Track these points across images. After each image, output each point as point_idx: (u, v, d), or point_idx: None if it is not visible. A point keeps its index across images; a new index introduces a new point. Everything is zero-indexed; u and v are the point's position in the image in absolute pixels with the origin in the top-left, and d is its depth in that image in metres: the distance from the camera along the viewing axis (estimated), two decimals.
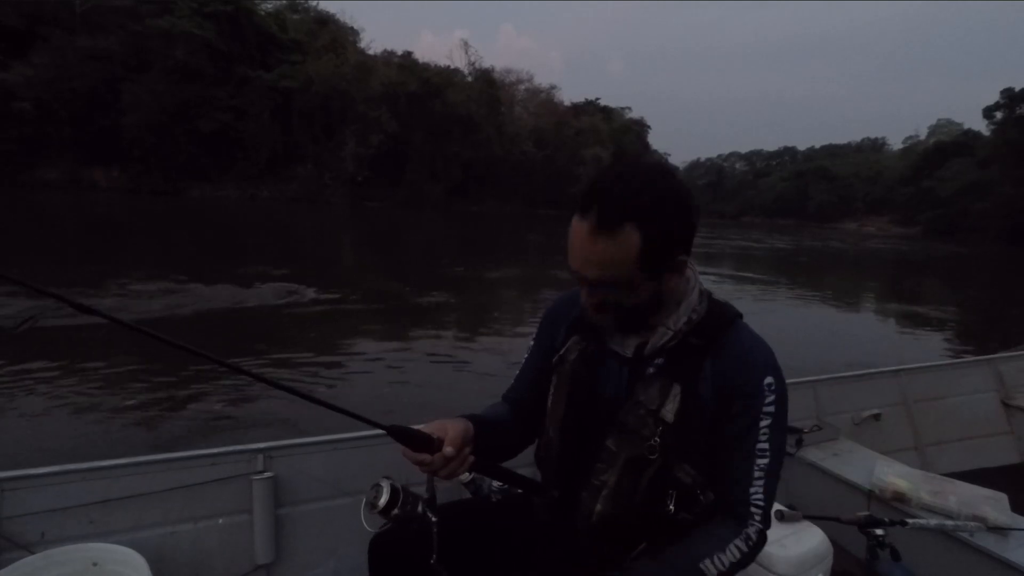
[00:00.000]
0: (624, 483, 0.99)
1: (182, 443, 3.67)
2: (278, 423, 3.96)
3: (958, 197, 55.01)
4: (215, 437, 3.80)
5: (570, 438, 1.10)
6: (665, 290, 0.99)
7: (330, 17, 48.87)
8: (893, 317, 11.15)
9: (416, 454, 0.94)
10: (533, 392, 1.20)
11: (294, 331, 6.94)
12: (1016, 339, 7.78)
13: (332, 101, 42.46)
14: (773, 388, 0.98)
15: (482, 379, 5.39)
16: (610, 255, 0.91)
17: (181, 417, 4.12)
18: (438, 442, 0.95)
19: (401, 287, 10.38)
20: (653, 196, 0.91)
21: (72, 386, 4.51)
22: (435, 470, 0.96)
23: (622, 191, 0.91)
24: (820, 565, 1.63)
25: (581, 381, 1.09)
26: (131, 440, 3.69)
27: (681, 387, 0.98)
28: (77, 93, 34.64)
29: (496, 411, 1.22)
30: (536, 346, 1.24)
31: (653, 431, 0.97)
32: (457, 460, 0.96)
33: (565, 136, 54.92)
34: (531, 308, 9.39)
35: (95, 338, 5.61)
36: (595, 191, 0.92)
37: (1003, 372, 3.12)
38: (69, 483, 1.50)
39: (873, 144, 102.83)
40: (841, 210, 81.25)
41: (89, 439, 3.69)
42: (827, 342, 8.04)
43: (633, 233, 0.90)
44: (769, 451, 0.98)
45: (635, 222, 0.89)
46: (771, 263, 21.59)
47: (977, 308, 12.99)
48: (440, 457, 0.94)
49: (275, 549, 1.70)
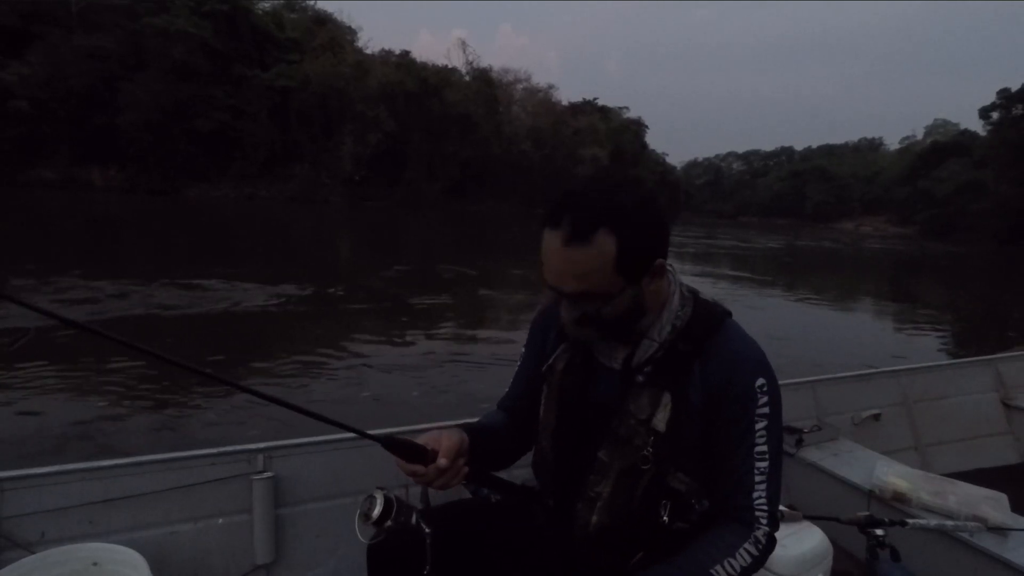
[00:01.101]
0: (619, 494, 0.99)
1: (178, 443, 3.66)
2: (276, 423, 3.95)
3: (955, 197, 55.18)
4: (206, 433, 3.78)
5: (563, 447, 1.09)
6: (646, 296, 0.98)
7: (328, 16, 48.82)
8: (883, 318, 11.16)
9: (410, 465, 0.94)
10: (527, 400, 1.19)
11: (287, 333, 6.92)
12: (1013, 340, 7.80)
13: (330, 100, 42.41)
14: (765, 389, 0.97)
15: (480, 381, 5.36)
16: (586, 265, 0.90)
17: (171, 418, 4.11)
18: (432, 453, 0.94)
19: (398, 287, 10.37)
20: (625, 200, 0.91)
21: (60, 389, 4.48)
22: (429, 481, 0.95)
23: (593, 197, 0.91)
24: (820, 565, 1.64)
25: (571, 390, 1.08)
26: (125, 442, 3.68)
27: (671, 395, 0.97)
28: (74, 92, 34.53)
29: (491, 419, 1.22)
30: (527, 353, 1.24)
31: (645, 441, 0.97)
32: (451, 472, 0.96)
33: (563, 136, 54.94)
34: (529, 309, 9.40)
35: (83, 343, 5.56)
36: (565, 201, 0.91)
37: (1003, 372, 3.11)
38: (69, 483, 1.50)
39: (870, 144, 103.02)
40: (838, 210, 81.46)
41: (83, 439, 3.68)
42: (804, 346, 7.85)
43: (607, 238, 0.88)
44: (768, 453, 0.98)
45: (608, 226, 0.88)
46: (753, 264, 21.61)
47: (972, 310, 12.99)
48: (434, 468, 0.94)
49: (275, 549, 1.69)
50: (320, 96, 41.97)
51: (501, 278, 12.59)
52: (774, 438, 0.99)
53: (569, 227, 0.89)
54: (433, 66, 49.88)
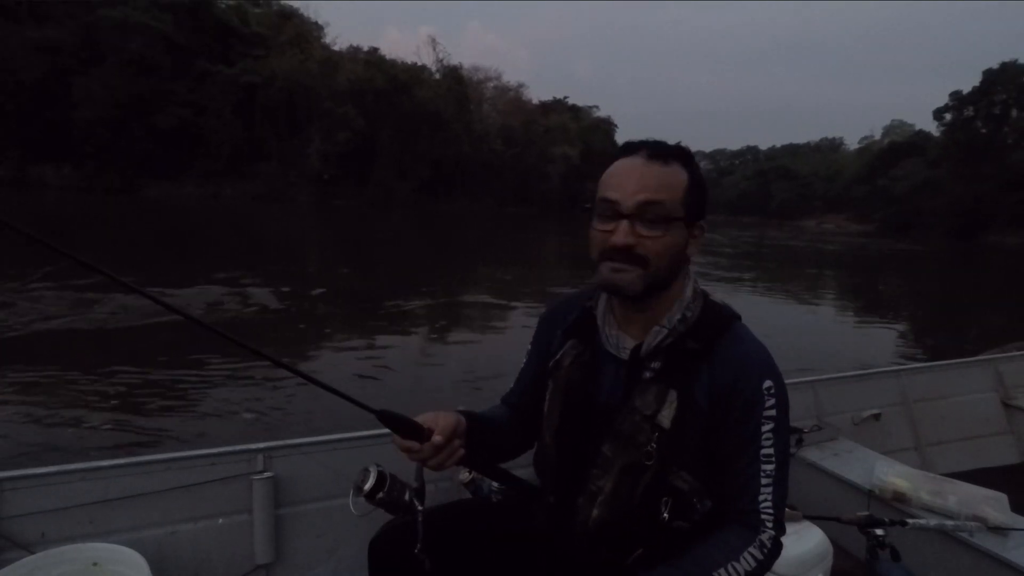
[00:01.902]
0: (620, 489, 0.98)
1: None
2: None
3: (911, 195, 57.39)
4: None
5: (566, 444, 1.08)
6: (684, 256, 1.01)
7: (293, 11, 47.96)
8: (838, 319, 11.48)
9: (405, 441, 0.94)
10: (531, 396, 1.18)
11: (258, 335, 6.72)
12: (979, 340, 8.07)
13: (297, 97, 41.58)
14: (773, 392, 0.97)
15: (462, 382, 5.34)
16: (664, 178, 0.96)
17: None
18: (428, 432, 0.94)
19: (370, 289, 10.20)
20: (686, 150, 1.01)
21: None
22: (423, 459, 0.95)
23: (662, 142, 1.00)
24: (820, 565, 1.64)
25: (576, 387, 1.07)
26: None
27: (678, 393, 0.96)
28: (24, 86, 33.07)
29: (493, 412, 1.22)
30: (533, 350, 1.23)
31: (649, 437, 0.96)
32: (446, 451, 0.96)
33: (534, 134, 55.07)
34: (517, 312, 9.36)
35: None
36: (635, 141, 1.01)
37: (1003, 372, 3.15)
38: (69, 483, 1.50)
39: (831, 144, 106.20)
40: (801, 208, 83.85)
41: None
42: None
43: (681, 169, 0.98)
44: (774, 456, 0.97)
45: (681, 162, 0.98)
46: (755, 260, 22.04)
47: (925, 313, 13.41)
48: (429, 446, 0.94)
49: (275, 549, 1.70)
50: (287, 92, 41.11)
51: (474, 280, 12.50)
52: (781, 441, 0.98)
53: (649, 150, 0.97)
54: (403, 63, 49.46)
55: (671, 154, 0.97)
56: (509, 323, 8.22)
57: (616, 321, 1.07)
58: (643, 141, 1.00)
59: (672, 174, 0.96)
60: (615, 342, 1.05)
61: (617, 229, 0.95)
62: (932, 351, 7.80)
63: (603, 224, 0.97)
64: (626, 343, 1.04)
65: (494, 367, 5.62)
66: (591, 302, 1.12)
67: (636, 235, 0.95)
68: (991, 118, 52.88)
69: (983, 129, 53.23)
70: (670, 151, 0.98)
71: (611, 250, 0.96)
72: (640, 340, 1.02)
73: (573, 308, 1.16)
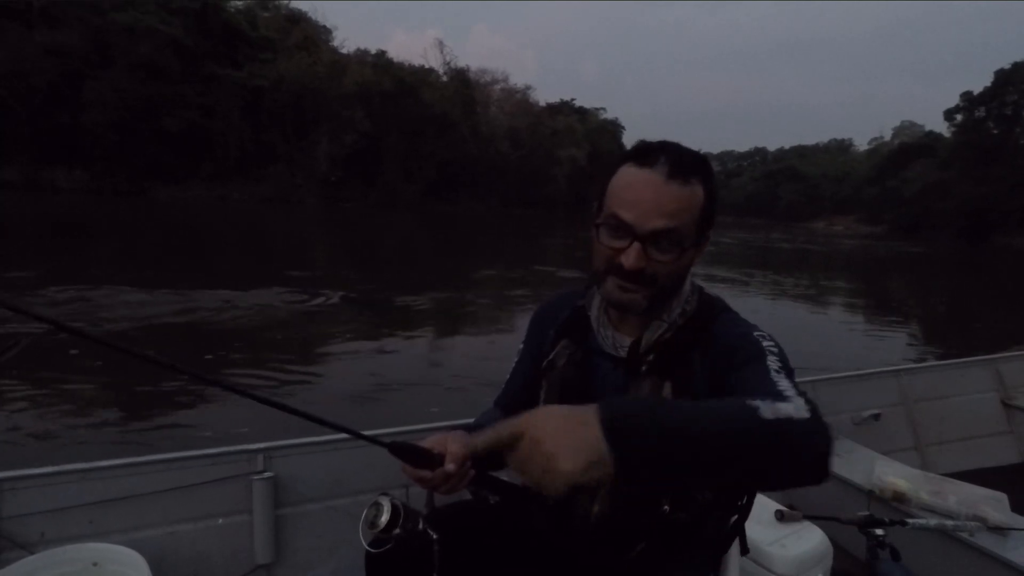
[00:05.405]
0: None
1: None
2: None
3: (921, 197, 56.97)
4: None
5: None
6: (690, 267, 0.98)
7: (302, 15, 48.19)
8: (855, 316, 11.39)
9: (416, 471, 0.91)
10: (524, 397, 1.17)
11: (269, 336, 6.76)
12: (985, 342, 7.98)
13: (304, 100, 41.85)
14: (768, 337, 0.93)
15: (464, 380, 5.33)
16: (682, 202, 0.90)
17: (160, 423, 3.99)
18: (439, 458, 0.91)
19: (376, 290, 10.24)
20: (705, 159, 0.94)
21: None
22: (435, 486, 0.93)
23: (683, 148, 0.93)
24: (820, 565, 1.64)
25: (572, 386, 1.06)
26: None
27: (672, 384, 0.95)
28: (35, 89, 33.39)
29: (489, 419, 1.20)
30: (525, 350, 1.22)
31: None
32: (457, 476, 0.93)
33: (540, 136, 55.15)
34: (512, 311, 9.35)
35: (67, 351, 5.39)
36: (653, 145, 0.93)
37: (1003, 372, 3.14)
38: (69, 483, 1.50)
39: (840, 145, 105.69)
40: (810, 209, 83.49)
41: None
42: None
43: (699, 186, 0.91)
44: (783, 372, 0.84)
45: (699, 177, 0.91)
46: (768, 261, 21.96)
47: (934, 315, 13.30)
48: (441, 473, 0.91)
49: (275, 549, 1.70)
50: (294, 95, 41.37)
51: (479, 281, 12.52)
52: (788, 370, 0.85)
53: (669, 166, 0.89)
54: (410, 66, 49.69)
55: (692, 170, 0.90)
56: (516, 324, 8.23)
57: (611, 321, 1.06)
58: (662, 146, 0.92)
59: (691, 196, 0.90)
60: (611, 341, 1.04)
61: (628, 252, 0.90)
62: (941, 358, 7.72)
63: (612, 240, 0.92)
64: (623, 340, 1.03)
65: (502, 368, 5.62)
66: (582, 301, 1.11)
67: (648, 258, 0.91)
68: (1002, 119, 52.50)
69: (994, 130, 52.86)
70: (691, 167, 0.90)
71: (619, 268, 0.92)
72: (637, 336, 1.01)
73: (564, 307, 1.14)
